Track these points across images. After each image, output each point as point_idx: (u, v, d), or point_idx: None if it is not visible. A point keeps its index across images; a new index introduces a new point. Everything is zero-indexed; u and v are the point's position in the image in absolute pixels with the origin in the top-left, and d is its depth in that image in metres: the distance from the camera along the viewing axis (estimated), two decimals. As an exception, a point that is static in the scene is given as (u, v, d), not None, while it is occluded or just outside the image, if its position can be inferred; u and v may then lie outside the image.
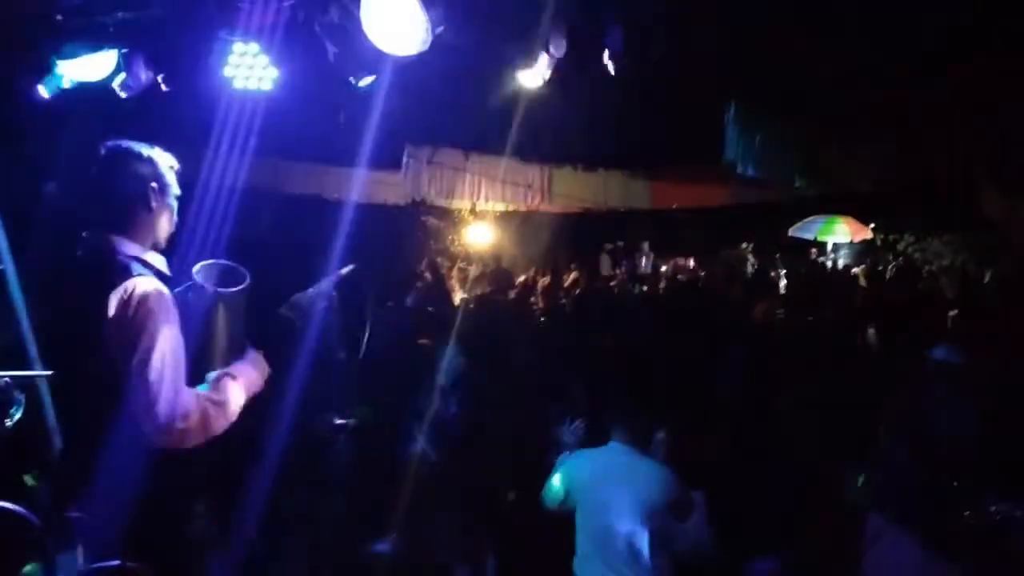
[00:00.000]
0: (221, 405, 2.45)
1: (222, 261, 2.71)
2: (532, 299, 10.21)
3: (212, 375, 2.54)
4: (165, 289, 2.37)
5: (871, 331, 8.63)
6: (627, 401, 3.57)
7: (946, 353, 4.41)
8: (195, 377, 2.48)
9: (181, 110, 6.43)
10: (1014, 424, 3.61)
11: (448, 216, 13.58)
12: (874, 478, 2.93)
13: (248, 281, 2.65)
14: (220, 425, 2.45)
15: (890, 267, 13.25)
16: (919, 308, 9.15)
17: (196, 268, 2.63)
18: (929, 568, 2.15)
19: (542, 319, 8.83)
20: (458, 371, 5.91)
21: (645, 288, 11.31)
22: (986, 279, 11.45)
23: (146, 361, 2.22)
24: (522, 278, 10.23)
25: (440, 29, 4.22)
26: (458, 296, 9.92)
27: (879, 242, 14.83)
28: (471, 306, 8.59)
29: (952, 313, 9.00)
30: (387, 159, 12.26)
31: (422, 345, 7.17)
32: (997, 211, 11.18)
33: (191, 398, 2.36)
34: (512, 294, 9.39)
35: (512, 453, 4.86)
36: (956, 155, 11.25)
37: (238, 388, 2.55)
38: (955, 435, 3.33)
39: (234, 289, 2.61)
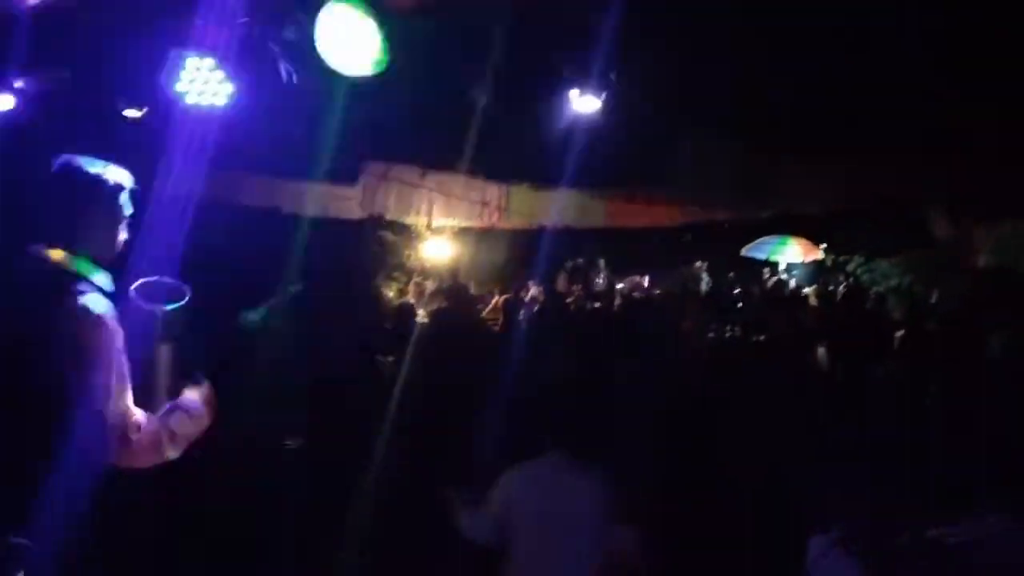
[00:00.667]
0: (173, 434, 2.45)
1: (164, 279, 2.69)
2: (489, 315, 10.23)
3: (166, 407, 2.53)
4: (110, 306, 2.35)
5: (821, 350, 8.81)
6: (575, 416, 3.57)
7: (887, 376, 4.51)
8: (141, 395, 2.46)
9: (134, 123, 6.35)
10: (954, 447, 3.72)
11: (405, 231, 13.53)
12: (821, 499, 2.99)
13: (187, 298, 2.64)
14: (170, 452, 2.45)
15: (840, 288, 13.52)
16: (867, 329, 9.36)
17: (135, 286, 2.60)
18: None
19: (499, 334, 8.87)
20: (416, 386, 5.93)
21: (598, 305, 11.39)
22: (932, 300, 11.76)
23: (93, 378, 2.20)
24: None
25: (394, 54, 4.25)
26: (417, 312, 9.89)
27: (829, 263, 15.14)
28: (428, 322, 8.58)
29: (899, 334, 9.23)
30: (343, 174, 12.20)
31: (381, 362, 7.15)
32: (946, 233, 11.49)
33: (142, 414, 2.37)
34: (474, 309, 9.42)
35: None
36: (907, 179, 11.58)
37: (190, 423, 2.54)
38: (895, 457, 3.43)
39: (171, 307, 2.59)
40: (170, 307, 2.60)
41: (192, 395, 2.60)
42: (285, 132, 7.84)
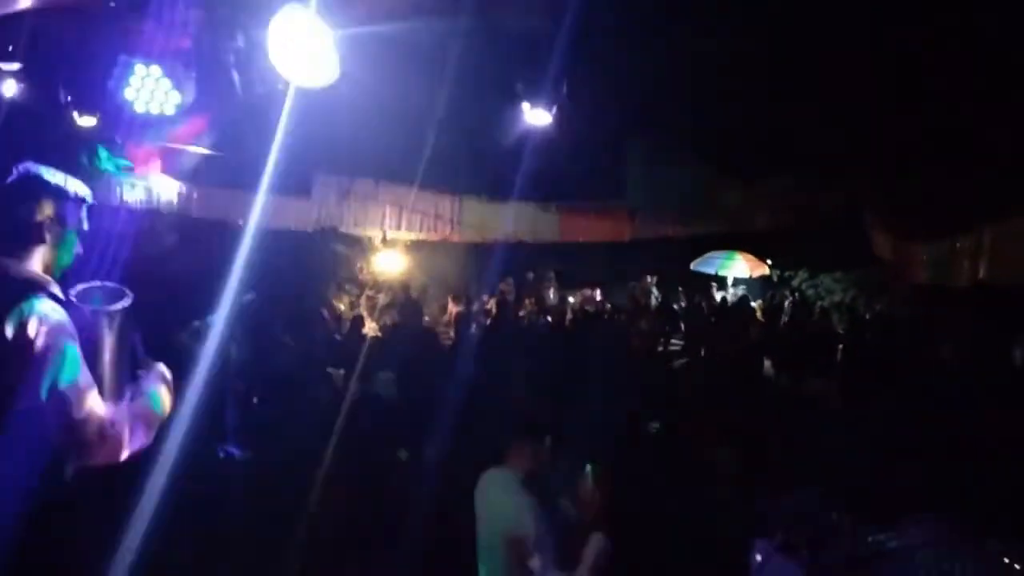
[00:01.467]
0: (146, 418, 2.46)
1: (105, 283, 2.68)
2: (443, 328, 10.22)
3: (128, 394, 2.52)
4: (62, 311, 2.33)
5: (768, 363, 8.97)
6: (526, 431, 3.58)
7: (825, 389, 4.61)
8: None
9: (81, 130, 6.23)
10: (892, 459, 3.83)
11: (358, 244, 13.45)
12: (766, 507, 3.06)
13: (128, 301, 2.62)
14: (143, 439, 2.43)
15: (786, 303, 13.80)
16: (812, 342, 9.58)
17: (75, 291, 2.58)
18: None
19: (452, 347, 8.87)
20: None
21: (550, 319, 11.45)
22: (873, 313, 12.08)
23: (58, 381, 2.18)
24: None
25: (347, 66, 4.25)
26: (368, 325, 9.86)
27: (775, 278, 15.42)
28: (381, 335, 8.56)
29: (841, 347, 9.47)
30: (296, 186, 12.12)
31: (331, 374, 7.09)
32: (885, 251, 11.77)
33: (112, 406, 2.35)
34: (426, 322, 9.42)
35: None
36: (848, 199, 11.90)
37: (156, 405, 2.55)
38: (836, 468, 3.52)
39: (111, 308, 2.57)
40: (109, 309, 2.58)
41: (149, 379, 2.61)
42: (236, 143, 7.76)
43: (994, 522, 2.45)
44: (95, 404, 2.29)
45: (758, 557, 2.53)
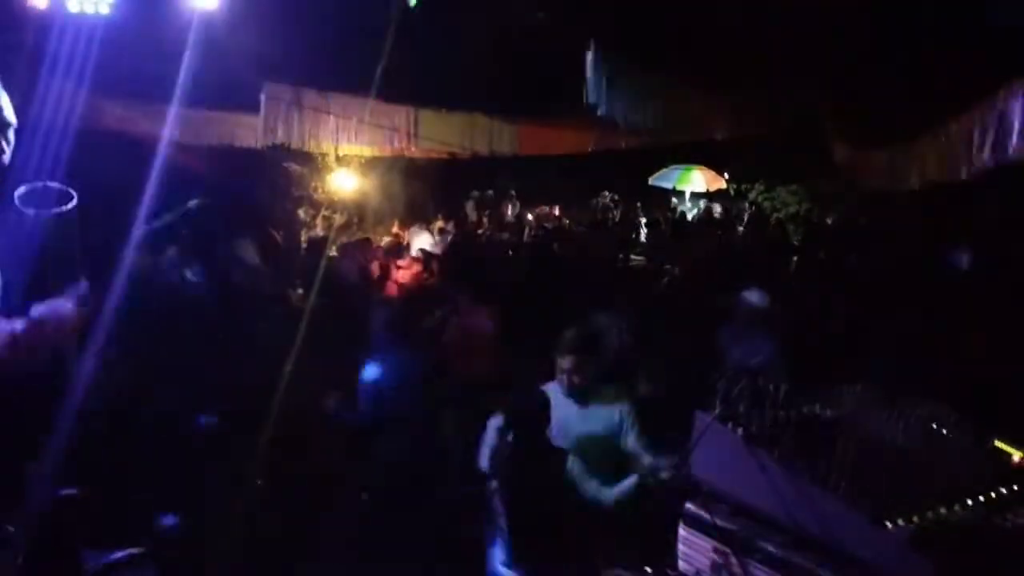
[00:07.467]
0: (29, 346, 2.39)
1: (48, 184, 2.60)
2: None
3: (35, 311, 2.45)
4: None
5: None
6: None
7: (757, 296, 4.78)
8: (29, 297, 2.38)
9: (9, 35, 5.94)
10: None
11: (311, 161, 13.04)
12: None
13: (74, 203, 2.56)
14: (21, 361, 2.39)
15: (744, 215, 13.93)
16: (769, 253, 9.74)
17: (19, 191, 2.50)
18: (748, 455, 2.39)
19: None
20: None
21: (507, 236, 11.42)
22: (826, 223, 12.25)
23: None
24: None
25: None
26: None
27: (732, 191, 15.51)
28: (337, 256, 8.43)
29: (796, 258, 9.64)
30: (243, 99, 11.64)
31: (289, 297, 6.97)
32: (844, 159, 11.84)
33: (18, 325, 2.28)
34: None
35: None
36: (807, 108, 11.92)
37: (48, 332, 2.48)
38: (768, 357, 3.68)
39: (56, 211, 2.50)
40: (54, 211, 2.52)
41: (63, 298, 2.55)
42: (177, 53, 7.43)
43: (923, 391, 2.55)
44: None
45: (698, 427, 2.63)
